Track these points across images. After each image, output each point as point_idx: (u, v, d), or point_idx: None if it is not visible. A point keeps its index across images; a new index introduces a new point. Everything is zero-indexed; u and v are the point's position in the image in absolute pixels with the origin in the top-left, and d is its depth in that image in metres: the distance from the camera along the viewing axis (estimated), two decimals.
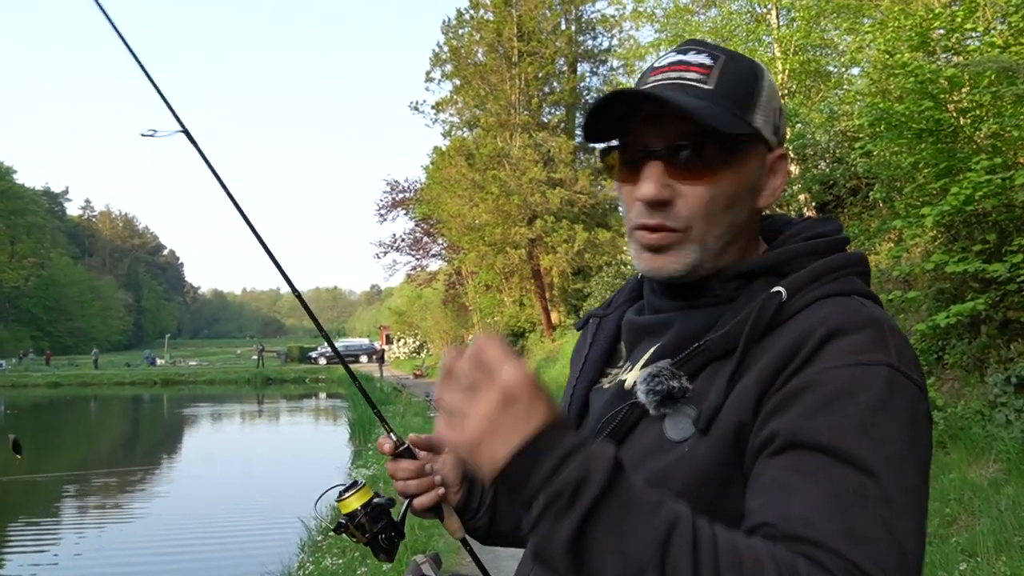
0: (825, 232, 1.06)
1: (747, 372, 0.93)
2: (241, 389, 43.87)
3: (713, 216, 1.00)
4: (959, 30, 8.19)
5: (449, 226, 31.03)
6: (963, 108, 7.86)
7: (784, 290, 0.96)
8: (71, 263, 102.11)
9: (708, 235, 1.01)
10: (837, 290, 0.97)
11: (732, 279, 1.03)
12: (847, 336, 0.90)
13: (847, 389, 0.87)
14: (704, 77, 1.01)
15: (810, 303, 0.96)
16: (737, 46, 14.14)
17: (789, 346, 0.91)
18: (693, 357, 0.99)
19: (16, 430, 27.98)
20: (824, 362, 0.89)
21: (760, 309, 0.95)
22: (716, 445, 0.93)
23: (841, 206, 13.46)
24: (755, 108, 1.02)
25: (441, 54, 32.70)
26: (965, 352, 7.79)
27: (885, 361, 0.89)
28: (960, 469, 6.63)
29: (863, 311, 0.94)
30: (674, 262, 1.01)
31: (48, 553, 10.53)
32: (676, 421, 0.97)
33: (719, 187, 1.00)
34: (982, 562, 5.11)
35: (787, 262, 1.02)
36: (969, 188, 7.01)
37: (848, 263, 1.01)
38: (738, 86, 1.01)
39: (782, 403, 0.89)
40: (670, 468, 0.95)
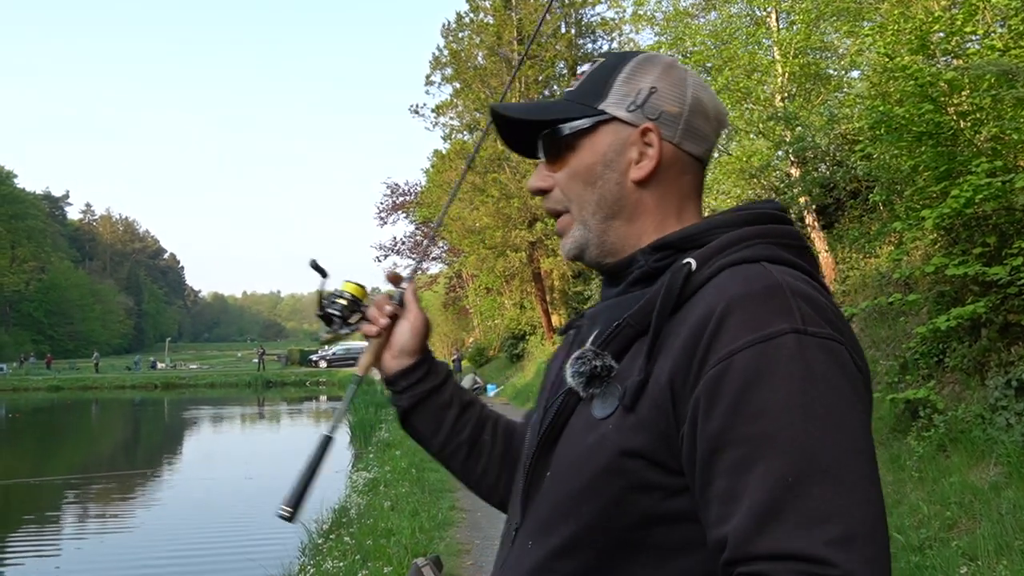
0: (747, 205, 1.08)
1: (664, 349, 0.95)
2: (242, 392, 43.87)
3: (577, 194, 1.12)
4: (959, 33, 8.20)
5: (449, 229, 31.02)
6: (963, 111, 7.86)
7: (694, 261, 0.97)
8: (72, 267, 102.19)
9: (583, 212, 1.12)
10: (745, 257, 0.97)
11: (654, 251, 1.06)
12: (747, 308, 0.90)
13: (757, 371, 0.86)
14: (575, 82, 1.15)
15: (716, 272, 0.96)
16: (737, 49, 14.14)
17: (696, 323, 0.92)
18: (616, 336, 1.01)
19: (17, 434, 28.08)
20: (730, 341, 0.89)
21: (669, 282, 0.97)
22: (639, 422, 0.94)
23: (841, 209, 13.47)
24: (606, 94, 1.11)
25: (441, 57, 32.73)
26: (965, 355, 7.78)
27: (789, 328, 0.88)
28: (960, 472, 6.63)
29: (763, 277, 0.93)
30: (567, 242, 1.14)
31: (49, 557, 10.53)
32: (602, 399, 0.99)
33: (573, 167, 1.12)
34: (983, 566, 5.11)
35: (707, 231, 1.03)
36: (969, 191, 7.00)
37: (765, 233, 1.01)
38: (592, 82, 1.13)
39: (706, 399, 0.89)
40: (595, 444, 0.97)
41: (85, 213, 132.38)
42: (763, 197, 14.80)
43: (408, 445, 13.84)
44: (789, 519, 0.82)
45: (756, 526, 0.83)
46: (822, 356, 0.87)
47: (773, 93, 14.18)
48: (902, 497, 6.87)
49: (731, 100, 13.96)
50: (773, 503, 0.83)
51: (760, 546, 0.82)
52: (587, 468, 0.97)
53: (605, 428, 0.97)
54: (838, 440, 0.84)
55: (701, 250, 0.99)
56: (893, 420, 8.15)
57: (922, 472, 7.06)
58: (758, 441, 0.85)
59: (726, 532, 0.85)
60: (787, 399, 0.85)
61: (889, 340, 9.90)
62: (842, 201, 13.30)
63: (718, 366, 0.88)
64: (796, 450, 0.83)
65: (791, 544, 0.81)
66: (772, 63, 14.02)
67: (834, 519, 0.81)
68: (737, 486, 0.85)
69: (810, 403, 0.85)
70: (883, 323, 10.28)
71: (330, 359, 56.37)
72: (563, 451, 1.03)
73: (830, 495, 0.82)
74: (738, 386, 0.87)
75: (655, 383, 0.94)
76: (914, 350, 8.52)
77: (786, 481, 0.83)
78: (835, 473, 0.83)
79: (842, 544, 0.80)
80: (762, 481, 0.84)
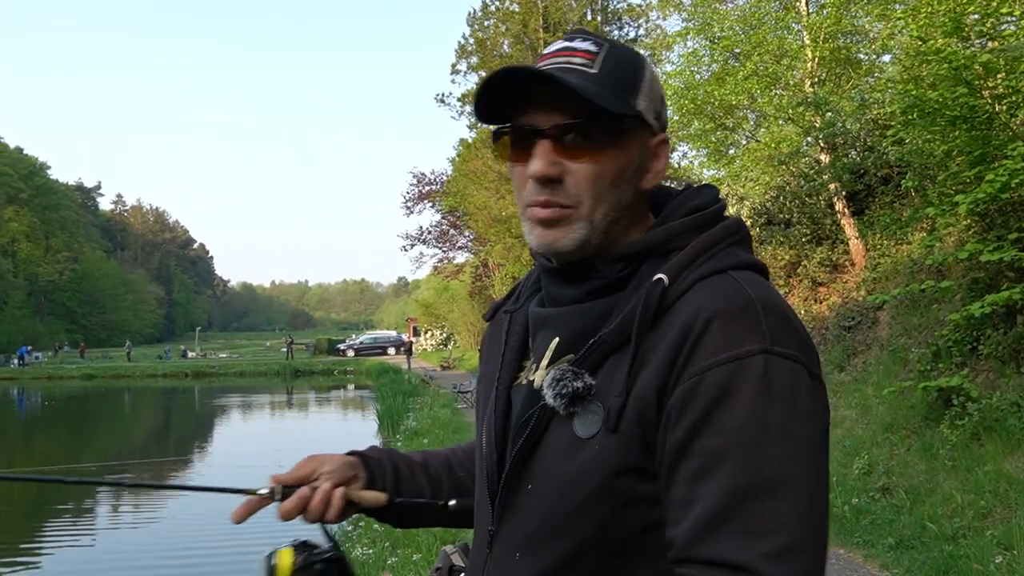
0: (702, 205, 1.09)
1: (644, 364, 0.98)
2: (271, 381, 44.35)
3: (599, 193, 1.04)
4: (994, 14, 8.04)
5: (475, 218, 31.06)
6: (999, 94, 7.73)
7: (665, 277, 1.00)
8: (104, 257, 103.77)
9: (595, 212, 1.05)
10: (714, 268, 1.01)
11: (617, 260, 1.06)
12: (723, 325, 0.95)
13: (728, 387, 0.92)
14: (589, 62, 1.04)
15: (691, 286, 0.99)
16: (766, 34, 14.00)
17: (676, 336, 0.96)
18: (591, 353, 1.02)
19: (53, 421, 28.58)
20: (706, 356, 0.94)
21: (645, 299, 0.99)
22: (625, 440, 0.97)
23: (872, 195, 13.31)
24: (638, 93, 1.06)
25: (467, 46, 32.66)
26: (1000, 343, 7.67)
27: (759, 348, 0.93)
28: (995, 461, 6.55)
29: (738, 294, 0.98)
30: (564, 236, 1.05)
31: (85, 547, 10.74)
32: (583, 419, 1.00)
33: (604, 165, 1.04)
34: (1018, 555, 5.05)
35: (667, 240, 1.05)
36: (1005, 175, 6.90)
37: (723, 236, 1.04)
38: (621, 71, 1.05)
39: (678, 410, 0.94)
40: (585, 466, 0.99)
41: (116, 204, 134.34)
42: (791, 184, 14.71)
43: (436, 434, 13.93)
44: (730, 529, 0.88)
45: (699, 533, 0.90)
46: (784, 376, 0.93)
47: (803, 78, 14.02)
48: (935, 486, 6.81)
49: (760, 86, 13.84)
50: (720, 513, 0.89)
51: (699, 551, 0.89)
52: (580, 488, 0.99)
53: (592, 449, 0.99)
54: (790, 457, 0.91)
55: (670, 264, 1.02)
56: (925, 408, 8.07)
57: (955, 461, 6.99)
58: (716, 455, 0.91)
59: (675, 534, 0.93)
60: (748, 418, 0.91)
61: (921, 328, 9.79)
62: (873, 187, 13.13)
63: (691, 380, 0.94)
64: (749, 467, 0.90)
65: (726, 553, 0.88)
66: (802, 48, 13.86)
67: (773, 533, 0.87)
68: (691, 493, 0.92)
69: (768, 423, 0.91)
70: (915, 310, 10.16)
71: (357, 348, 56.80)
72: (545, 467, 1.04)
73: (774, 510, 0.88)
74: (706, 402, 0.92)
75: (636, 398, 0.97)
76: (947, 337, 8.42)
77: (735, 494, 0.89)
78: (782, 490, 0.89)
79: (776, 557, 0.86)
80: (713, 492, 0.90)
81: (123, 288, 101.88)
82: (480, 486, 1.17)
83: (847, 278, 13.16)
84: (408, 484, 1.30)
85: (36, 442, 23.04)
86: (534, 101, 1.05)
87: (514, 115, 1.08)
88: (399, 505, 1.28)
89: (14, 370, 50.30)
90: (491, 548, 1.10)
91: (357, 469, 1.26)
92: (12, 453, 20.66)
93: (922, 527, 6.01)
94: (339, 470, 1.25)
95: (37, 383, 44.38)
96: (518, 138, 1.07)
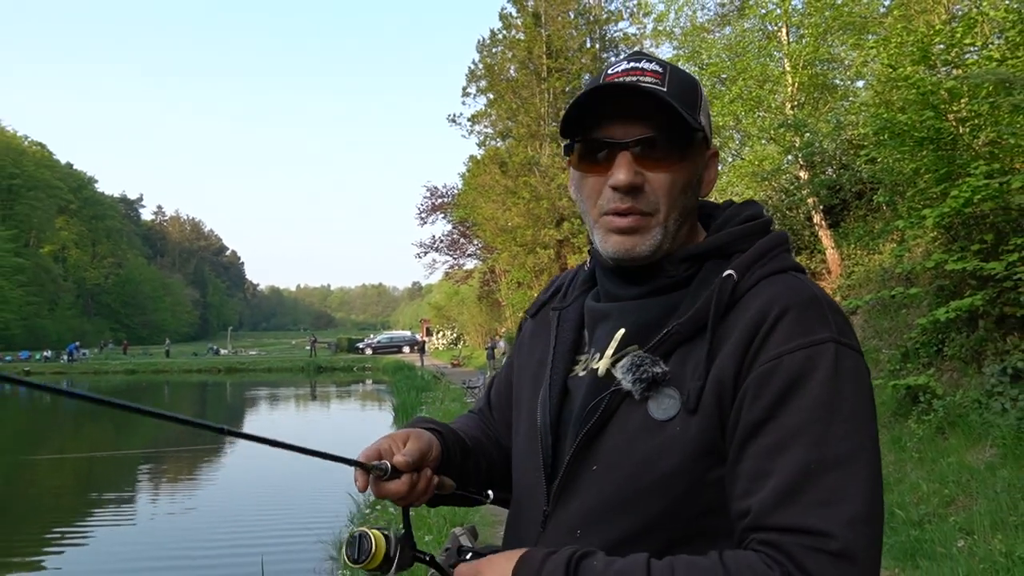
0: (754, 215, 1.11)
1: (719, 351, 0.98)
2: (296, 376, 44.33)
3: (674, 200, 1.05)
4: (958, 45, 8.05)
5: (484, 228, 31.08)
6: (962, 117, 7.72)
7: (734, 272, 1.01)
8: (145, 263, 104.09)
9: (670, 217, 1.05)
10: (776, 268, 1.03)
11: (683, 261, 1.07)
12: (796, 315, 0.96)
13: (804, 371, 0.93)
14: (659, 81, 1.04)
15: (757, 282, 1.01)
16: (750, 61, 13.99)
17: (750, 324, 0.97)
18: (664, 342, 1.01)
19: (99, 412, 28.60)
20: (781, 343, 0.95)
21: (719, 293, 1.00)
22: (705, 421, 0.97)
23: (847, 209, 13.28)
24: (700, 110, 1.07)
25: (476, 71, 32.74)
26: (964, 345, 7.66)
27: (830, 337, 0.95)
28: (958, 454, 6.53)
29: (804, 289, 1.00)
30: (642, 243, 1.05)
31: (126, 526, 10.77)
32: (659, 402, 1.00)
33: (678, 174, 1.05)
34: (979, 539, 5.04)
35: (729, 244, 1.07)
36: (968, 192, 6.89)
37: (779, 243, 1.07)
38: (686, 91, 1.06)
39: (754, 390, 0.94)
40: (664, 446, 0.98)
41: (156, 214, 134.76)
42: (773, 199, 14.68)
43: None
44: (807, 499, 0.89)
45: (776, 502, 0.90)
46: (850, 364, 0.95)
47: (783, 102, 14.01)
48: (903, 476, 6.79)
49: (744, 108, 13.83)
50: (794, 485, 0.89)
51: (778, 519, 0.89)
52: (656, 467, 0.98)
53: (672, 430, 0.98)
54: (855, 437, 0.91)
55: (737, 262, 1.03)
56: (895, 405, 8.05)
57: (922, 453, 6.97)
58: (792, 432, 0.91)
59: (749, 504, 0.92)
60: (821, 399, 0.92)
61: (892, 331, 9.77)
62: (848, 202, 13.12)
63: (769, 363, 0.94)
64: (820, 443, 0.90)
65: (804, 520, 0.88)
66: (783, 74, 13.86)
67: (845, 503, 0.88)
68: (766, 467, 0.92)
69: (838, 404, 0.92)
70: (886, 315, 10.14)
71: (375, 347, 56.81)
72: (613, 448, 1.02)
73: (844, 483, 0.89)
74: (783, 384, 0.93)
75: (714, 380, 0.97)
76: (915, 340, 8.41)
77: (810, 467, 0.90)
78: (851, 464, 0.90)
79: (848, 524, 0.87)
80: (789, 465, 0.90)
81: (162, 291, 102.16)
82: (528, 470, 1.14)
83: (824, 285, 13.13)
84: (458, 469, 1.21)
85: (85, 430, 23.13)
86: (609, 116, 1.04)
87: (585, 129, 1.07)
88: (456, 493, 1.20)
89: (64, 365, 50.41)
90: (544, 528, 1.07)
91: (435, 449, 1.15)
92: (64, 439, 20.74)
93: (891, 513, 6.00)
94: (431, 452, 1.13)
95: (84, 377, 44.47)
96: (593, 150, 1.06)
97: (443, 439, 1.17)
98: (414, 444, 1.10)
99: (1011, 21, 7.35)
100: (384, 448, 1.10)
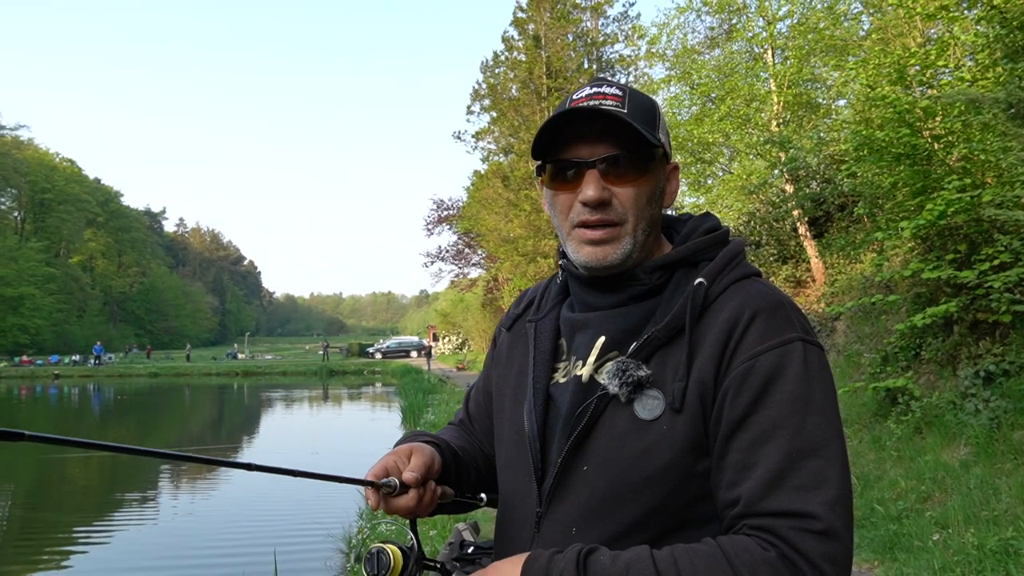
0: (714, 226, 1.14)
1: (697, 353, 1.00)
2: (309, 380, 44.30)
3: (640, 211, 1.08)
4: (932, 66, 8.09)
5: (487, 239, 31.10)
6: (936, 135, 7.74)
7: (704, 280, 1.04)
8: (167, 272, 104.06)
9: (637, 227, 1.08)
10: (741, 274, 1.07)
11: (654, 271, 1.09)
12: (766, 317, 1.00)
13: (778, 369, 0.97)
14: (619, 103, 1.07)
15: (725, 288, 1.05)
16: (737, 81, 14.04)
17: (724, 327, 1.00)
18: (644, 347, 1.03)
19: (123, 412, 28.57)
20: (755, 344, 0.98)
21: (693, 299, 1.03)
22: (690, 419, 0.99)
23: (830, 220, 13.29)
24: (658, 128, 1.10)
25: (480, 90, 32.81)
26: (939, 349, 7.66)
27: (798, 337, 0.99)
28: (934, 452, 6.53)
29: (769, 294, 1.04)
30: (613, 252, 1.07)
31: (149, 522, 10.77)
32: (644, 404, 1.01)
33: (642, 187, 1.08)
34: (953, 533, 5.04)
35: (696, 253, 1.10)
36: (942, 205, 6.91)
37: (740, 250, 1.10)
38: (645, 111, 1.09)
39: (733, 388, 0.97)
40: (653, 443, 1.00)
41: (179, 226, 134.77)
42: (760, 211, 14.70)
43: None
44: (791, 485, 0.92)
45: (765, 489, 0.93)
46: (816, 359, 0.99)
47: (769, 119, 14.05)
48: (882, 473, 6.79)
49: (732, 125, 13.87)
50: (779, 473, 0.93)
51: (766, 505, 0.92)
52: (647, 464, 0.99)
53: (659, 429, 0.99)
54: (827, 426, 0.95)
55: (707, 270, 1.05)
56: (875, 406, 8.04)
57: (900, 452, 6.97)
58: (772, 425, 0.95)
59: (739, 494, 0.94)
60: (794, 393, 0.95)
61: (872, 336, 9.76)
62: (831, 214, 13.13)
63: (745, 364, 0.97)
64: (798, 434, 0.94)
65: (791, 504, 0.91)
66: (768, 93, 13.90)
67: (825, 485, 0.92)
68: (750, 458, 0.94)
69: (810, 397, 0.96)
70: (867, 321, 10.14)
71: (384, 351, 56.72)
72: (602, 449, 1.02)
73: (822, 468, 0.93)
74: (761, 381, 0.96)
75: (696, 380, 0.99)
76: (894, 344, 8.41)
77: (791, 456, 0.93)
78: (824, 450, 0.94)
79: (829, 505, 0.91)
80: (772, 455, 0.93)
81: (183, 299, 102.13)
82: (517, 473, 1.13)
83: (809, 292, 13.14)
84: (454, 478, 1.21)
85: (110, 429, 23.12)
86: (576, 138, 1.07)
87: (553, 151, 1.09)
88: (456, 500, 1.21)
89: (92, 368, 50.45)
90: (539, 528, 1.07)
91: (436, 462, 1.15)
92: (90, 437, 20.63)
93: (871, 509, 6.00)
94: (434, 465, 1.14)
95: (110, 380, 44.50)
96: (563, 169, 1.08)
97: (441, 451, 1.19)
98: (418, 459, 1.11)
99: (980, 45, 7.38)
100: (390, 465, 1.11)
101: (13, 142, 74.63)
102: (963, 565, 4.55)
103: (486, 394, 1.32)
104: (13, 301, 62.77)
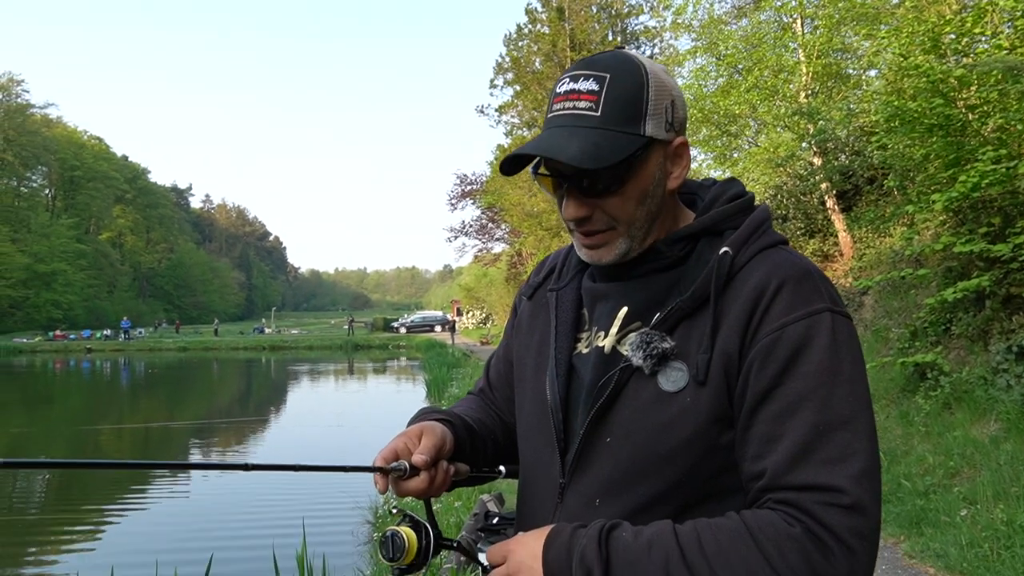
0: (739, 193, 1.10)
1: (722, 324, 0.98)
2: (335, 354, 44.78)
3: (631, 214, 1.03)
4: (968, 34, 7.85)
5: (511, 213, 31.05)
6: (971, 105, 7.55)
7: (730, 249, 1.01)
8: (194, 248, 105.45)
9: (632, 227, 1.04)
10: (767, 243, 1.03)
11: (677, 241, 1.06)
12: (793, 287, 0.97)
13: (805, 339, 0.94)
14: (593, 104, 1.00)
15: (751, 257, 1.01)
16: (765, 52, 13.76)
17: (750, 298, 0.97)
18: (668, 318, 1.01)
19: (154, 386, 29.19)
20: (782, 314, 0.95)
21: (718, 269, 1.00)
22: (714, 391, 0.97)
23: (859, 193, 13.07)
24: (644, 117, 1.01)
25: (503, 63, 32.58)
26: (971, 324, 7.55)
27: (825, 307, 0.96)
28: (964, 428, 6.46)
29: (796, 262, 1.00)
30: (608, 254, 1.05)
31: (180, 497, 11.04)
32: (668, 375, 0.99)
33: (628, 193, 1.02)
34: (981, 509, 5.00)
35: (720, 222, 1.06)
36: (976, 176, 6.76)
37: (766, 218, 1.06)
38: (624, 105, 1.00)
39: (759, 360, 0.94)
40: (678, 415, 0.98)
41: (205, 203, 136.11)
42: (788, 184, 14.49)
43: None
44: (818, 458, 0.90)
45: (790, 463, 0.91)
46: (844, 330, 0.96)
47: (798, 91, 13.78)
48: (910, 449, 6.74)
49: (760, 97, 13.63)
50: (806, 446, 0.90)
51: (792, 478, 0.90)
52: (671, 436, 0.97)
53: (683, 401, 0.98)
54: (855, 398, 0.93)
55: (732, 239, 1.02)
56: (903, 381, 7.96)
57: (928, 427, 6.91)
58: (799, 396, 0.92)
59: (764, 466, 0.92)
60: (823, 364, 0.93)
61: (901, 310, 9.64)
62: (859, 187, 12.91)
63: (772, 334, 0.95)
64: (826, 406, 0.91)
65: (818, 478, 0.89)
66: (797, 64, 13.62)
67: (852, 459, 0.90)
68: (777, 430, 0.92)
69: (838, 369, 0.93)
70: (896, 295, 10.00)
71: (409, 326, 57.14)
72: (625, 420, 1.01)
73: (850, 441, 0.90)
74: (788, 352, 0.94)
75: (720, 352, 0.97)
76: (923, 319, 8.30)
77: (818, 429, 0.90)
78: (853, 423, 0.91)
79: (856, 478, 0.89)
80: (799, 428, 0.91)
81: (210, 274, 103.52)
82: (539, 445, 1.12)
83: (836, 266, 12.97)
84: (469, 453, 1.19)
85: (141, 403, 23.65)
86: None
87: (537, 163, 1.06)
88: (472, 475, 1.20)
89: (122, 343, 51.45)
90: (562, 498, 1.06)
91: (448, 441, 1.13)
92: (122, 412, 21.24)
93: (898, 484, 5.97)
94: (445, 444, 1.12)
95: (140, 354, 45.40)
96: (550, 175, 1.05)
97: (454, 428, 1.16)
98: (429, 440, 1.09)
99: (1020, 10, 7.15)
100: (400, 447, 1.09)
101: (43, 120, 75.55)
102: (991, 540, 4.52)
103: (507, 362, 1.30)
104: (46, 277, 64.09)
